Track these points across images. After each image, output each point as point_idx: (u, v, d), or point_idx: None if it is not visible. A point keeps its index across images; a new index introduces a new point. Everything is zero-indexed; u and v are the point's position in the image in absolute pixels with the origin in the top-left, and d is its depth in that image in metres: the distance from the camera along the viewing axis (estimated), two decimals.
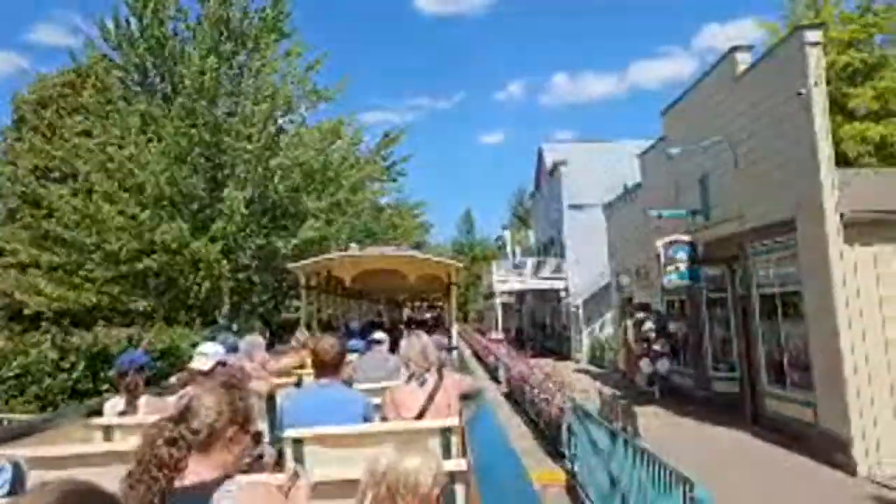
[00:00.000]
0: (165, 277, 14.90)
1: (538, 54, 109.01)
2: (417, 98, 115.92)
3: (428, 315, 18.12)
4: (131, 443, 2.17)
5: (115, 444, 3.22)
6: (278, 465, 3.23)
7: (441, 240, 63.39)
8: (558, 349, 28.10)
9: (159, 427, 1.57)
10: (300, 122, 16.94)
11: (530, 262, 30.43)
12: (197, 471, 1.57)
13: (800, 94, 9.22)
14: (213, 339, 5.47)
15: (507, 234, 48.06)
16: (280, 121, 16.37)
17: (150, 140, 14.41)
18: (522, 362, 14.79)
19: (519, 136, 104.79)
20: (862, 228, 8.96)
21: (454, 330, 9.83)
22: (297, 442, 2.86)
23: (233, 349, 5.17)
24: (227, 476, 1.59)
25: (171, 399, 3.60)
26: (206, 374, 3.94)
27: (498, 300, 30.73)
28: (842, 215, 8.93)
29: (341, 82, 17.10)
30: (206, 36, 15.02)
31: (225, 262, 14.16)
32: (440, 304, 19.39)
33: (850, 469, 8.42)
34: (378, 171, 18.21)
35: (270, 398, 4.40)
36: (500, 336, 27.32)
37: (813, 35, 9.34)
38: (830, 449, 8.86)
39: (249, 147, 14.38)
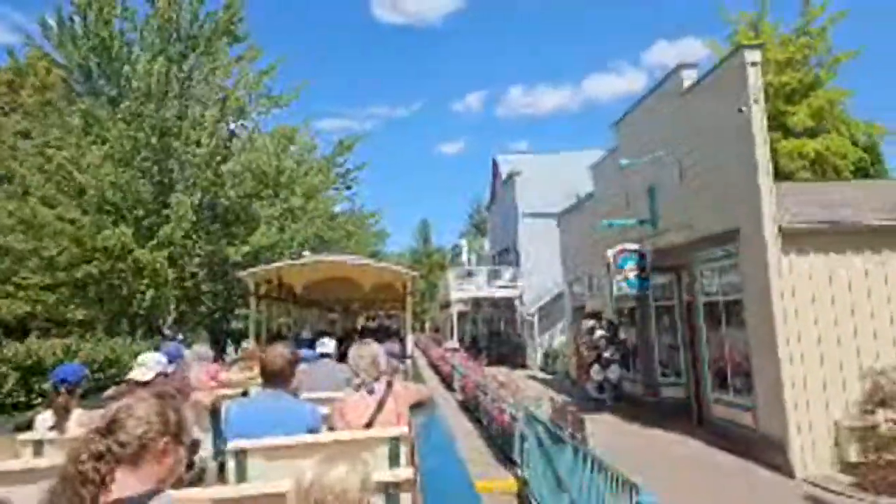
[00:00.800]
0: (107, 285, 14.34)
1: (495, 66, 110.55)
2: (375, 106, 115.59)
3: (387, 322, 17.96)
4: (60, 459, 2.07)
5: (42, 459, 3.06)
6: (220, 478, 3.13)
7: (398, 248, 63.20)
8: (513, 357, 28.33)
9: (85, 441, 1.49)
10: (253, 127, 16.66)
11: (486, 270, 30.67)
12: (126, 484, 1.50)
13: (740, 110, 9.62)
14: (156, 349, 5.29)
15: (463, 242, 48.30)
16: (232, 125, 16.06)
17: (93, 142, 13.89)
18: (477, 371, 14.83)
19: (476, 146, 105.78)
20: (798, 239, 9.38)
21: (409, 339, 9.79)
22: (240, 454, 2.78)
23: (177, 359, 5.00)
24: (158, 490, 1.52)
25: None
26: (146, 385, 3.80)
27: (454, 309, 30.82)
28: (779, 227, 9.32)
29: (297, 88, 16.94)
30: (154, 37, 14.62)
31: (171, 269, 13.74)
32: (397, 312, 19.31)
33: (787, 471, 8.76)
34: (332, 178, 18.05)
35: (214, 410, 4.27)
36: (456, 345, 27.38)
37: (753, 55, 9.76)
38: (769, 452, 9.20)
39: (199, 151, 14.05)
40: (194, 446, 1.91)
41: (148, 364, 3.90)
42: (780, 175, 14.52)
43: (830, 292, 9.41)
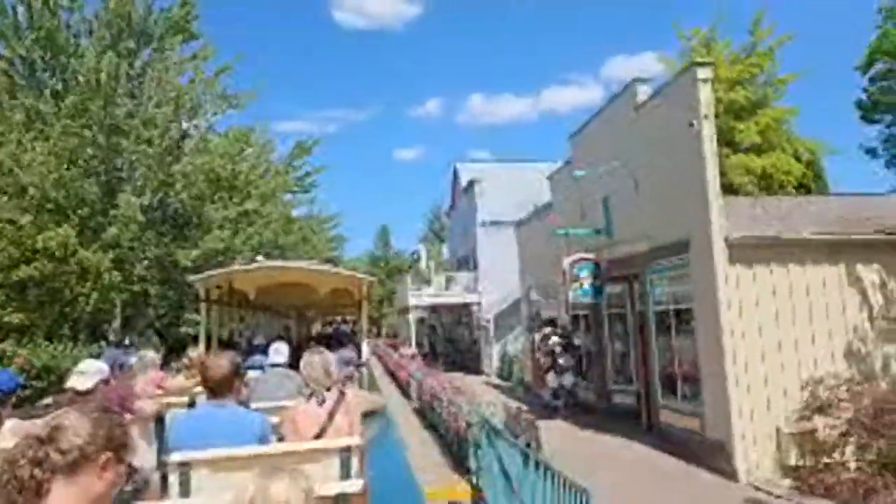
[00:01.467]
0: (48, 288, 13.71)
1: (456, 73, 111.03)
2: (334, 110, 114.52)
3: (343, 328, 17.73)
4: None
5: None
6: (163, 492, 3.01)
7: (356, 254, 62.62)
8: (470, 364, 28.39)
9: (24, 446, 1.42)
10: (207, 127, 16.25)
11: (444, 277, 30.70)
12: (62, 496, 1.43)
13: (692, 125, 9.92)
14: (98, 356, 5.08)
15: (422, 248, 48.24)
16: (185, 125, 15.64)
17: (35, 139, 13.29)
18: (433, 377, 14.79)
19: (435, 152, 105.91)
20: (744, 251, 9.72)
21: (365, 345, 9.68)
22: (184, 466, 2.68)
23: (121, 367, 4.82)
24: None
25: (41, 423, 3.28)
26: (86, 394, 3.63)
27: (411, 315, 30.72)
28: (727, 239, 9.65)
29: (254, 89, 16.65)
30: (104, 31, 14.12)
31: (117, 272, 13.24)
32: (353, 318, 19.09)
33: (732, 475, 9.03)
34: (289, 181, 17.77)
35: (159, 420, 4.13)
36: (413, 351, 27.25)
37: (704, 72, 10.10)
38: (715, 456, 9.47)
39: (149, 151, 13.61)
40: (132, 470, 1.84)
41: (88, 372, 3.72)
42: (728, 189, 15.04)
43: (774, 303, 9.78)
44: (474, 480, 8.22)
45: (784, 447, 9.27)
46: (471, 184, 29.21)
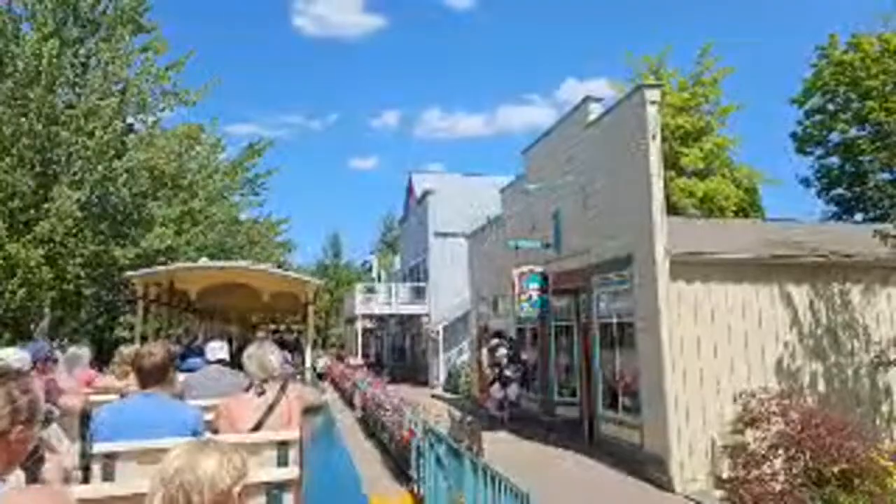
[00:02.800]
0: None
1: (413, 87, 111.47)
2: (290, 115, 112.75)
3: (287, 337, 17.31)
4: None
5: None
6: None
7: (305, 261, 61.58)
8: (417, 375, 28.24)
9: None
10: (154, 122, 15.71)
11: (394, 287, 30.54)
12: None
13: (639, 146, 10.24)
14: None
15: (373, 258, 47.90)
16: (130, 119, 15.09)
17: None
18: (378, 387, 14.62)
19: (390, 163, 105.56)
20: (685, 268, 10.06)
21: (309, 351, 9.47)
22: (108, 457, 2.54)
23: (45, 362, 4.54)
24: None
25: None
26: None
27: (359, 324, 30.37)
28: (669, 255, 9.96)
29: (205, 87, 16.17)
30: (48, 16, 13.51)
31: (49, 268, 12.57)
32: (298, 327, 18.68)
33: (669, 487, 9.25)
34: (238, 182, 17.35)
35: (84, 415, 3.90)
36: (360, 361, 26.89)
37: (652, 94, 10.47)
38: (653, 468, 9.68)
39: (90, 143, 13.03)
40: (47, 420, 1.73)
41: (7, 360, 3.48)
42: (672, 210, 15.59)
43: (711, 319, 10.15)
44: (416, 489, 8.13)
45: (717, 459, 9.56)
46: (425, 194, 29.27)
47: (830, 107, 24.58)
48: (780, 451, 9.32)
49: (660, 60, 25.39)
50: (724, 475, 9.45)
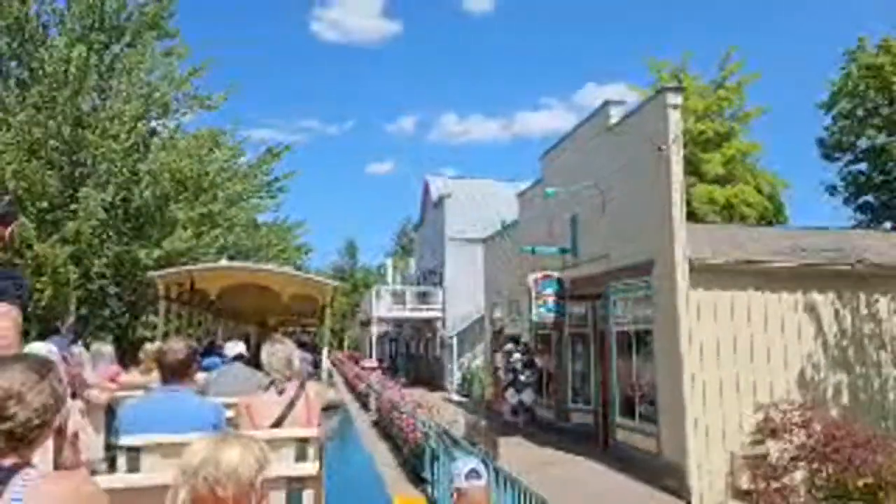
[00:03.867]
0: None
1: (430, 92, 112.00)
2: (307, 120, 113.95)
3: (304, 339, 17.44)
4: None
5: None
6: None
7: (322, 264, 61.99)
8: (431, 379, 28.24)
9: None
10: (176, 126, 15.96)
11: (409, 291, 30.60)
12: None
13: (660, 149, 10.18)
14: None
15: (389, 262, 48.04)
16: (154, 123, 15.34)
17: None
18: (393, 390, 14.65)
19: (405, 168, 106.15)
20: (705, 275, 9.95)
21: (325, 352, 9.53)
22: (132, 450, 2.59)
23: (71, 355, 4.63)
24: (26, 463, 1.37)
25: None
26: None
27: (374, 328, 30.46)
28: (690, 262, 9.87)
29: (226, 92, 16.38)
30: (75, 23, 13.81)
31: (74, 268, 12.80)
32: (314, 329, 18.80)
33: (685, 496, 9.14)
34: (257, 186, 17.53)
35: (110, 409, 3.98)
36: (374, 364, 26.99)
37: (674, 98, 10.40)
38: (670, 477, 9.57)
39: (115, 146, 13.27)
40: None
41: (41, 353, 3.56)
42: (692, 217, 15.44)
43: (732, 328, 10.02)
44: (430, 492, 8.13)
45: (737, 470, 9.43)
46: (441, 199, 29.31)
47: (859, 112, 24.03)
48: (803, 464, 9.18)
49: (681, 65, 25.19)
50: (744, 486, 9.32)
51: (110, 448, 2.93)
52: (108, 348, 5.59)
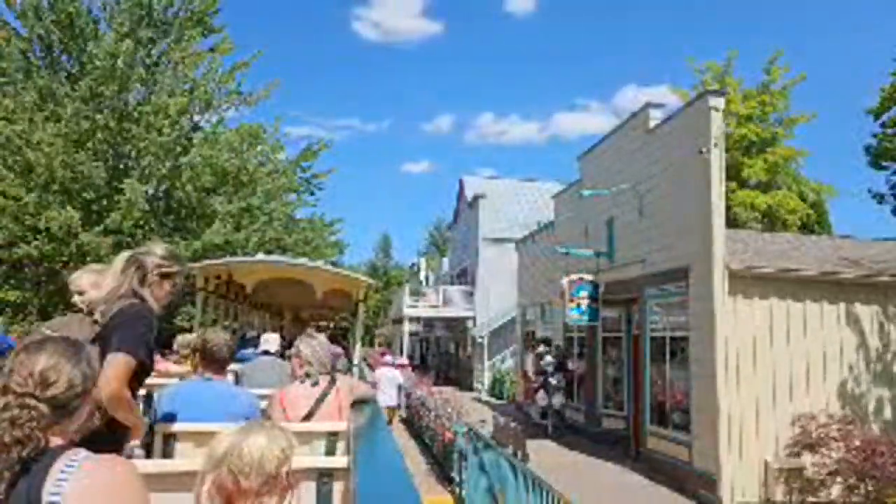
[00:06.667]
0: (45, 268, 13.68)
1: (467, 92, 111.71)
2: (346, 119, 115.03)
3: (337, 334, 17.63)
4: None
5: None
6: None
7: (356, 261, 62.55)
8: (461, 379, 28.24)
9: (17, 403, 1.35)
10: (218, 121, 16.33)
11: (442, 290, 30.64)
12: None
13: (701, 152, 9.96)
14: None
15: (422, 260, 48.22)
16: (196, 117, 15.72)
17: (46, 119, 13.35)
18: (424, 388, 14.70)
19: (441, 167, 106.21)
20: (744, 283, 9.70)
21: (357, 347, 9.62)
22: (168, 437, 2.65)
23: None
24: (72, 443, 1.40)
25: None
26: None
27: (406, 326, 30.59)
28: (728, 269, 9.63)
29: (268, 88, 16.69)
30: (124, 18, 14.25)
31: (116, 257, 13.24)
32: (347, 325, 19.00)
33: None
34: (295, 181, 17.81)
35: (148, 397, 4.08)
36: (405, 361, 27.09)
37: (717, 101, 10.16)
38: (701, 487, 9.37)
39: (159, 139, 13.66)
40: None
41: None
42: (732, 223, 15.08)
43: (770, 337, 9.75)
44: (458, 491, 8.13)
45: (771, 482, 9.19)
46: (476, 198, 29.24)
47: None
48: (840, 479, 8.90)
49: (726, 65, 24.58)
50: (778, 499, 9.08)
51: (146, 434, 3.01)
52: None
